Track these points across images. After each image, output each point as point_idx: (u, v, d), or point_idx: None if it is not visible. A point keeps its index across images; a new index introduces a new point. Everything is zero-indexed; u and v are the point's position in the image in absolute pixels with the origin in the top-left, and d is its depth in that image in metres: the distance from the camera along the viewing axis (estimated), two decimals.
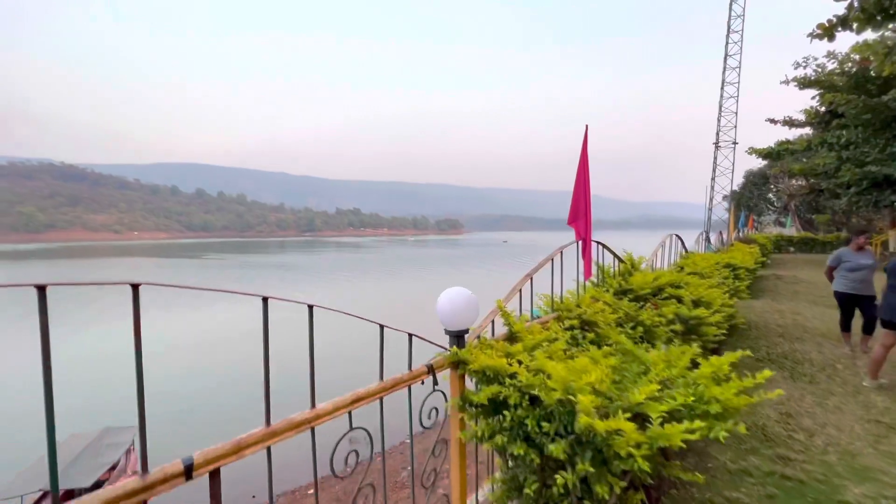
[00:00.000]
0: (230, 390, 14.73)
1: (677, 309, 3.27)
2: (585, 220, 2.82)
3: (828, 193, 21.65)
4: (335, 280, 46.03)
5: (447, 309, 1.98)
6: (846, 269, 5.41)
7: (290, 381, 3.69)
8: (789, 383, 4.40)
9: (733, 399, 1.60)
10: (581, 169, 2.81)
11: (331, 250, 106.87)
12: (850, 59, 16.88)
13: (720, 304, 3.88)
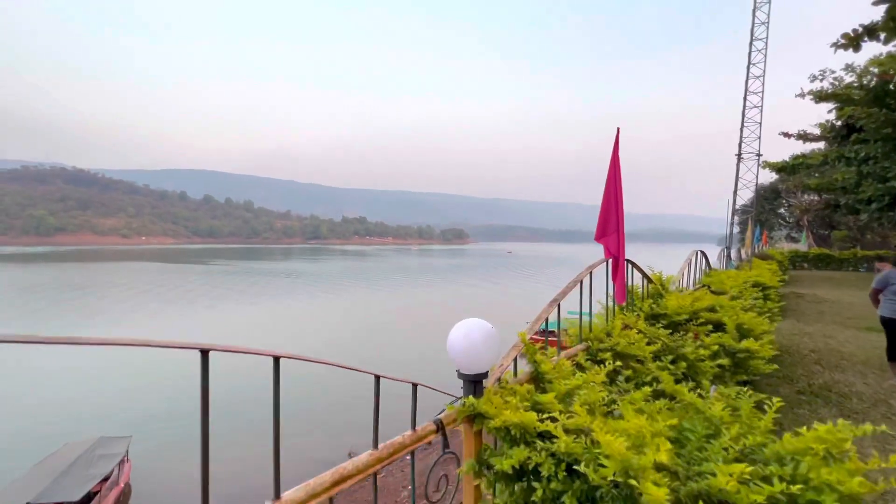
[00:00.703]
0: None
1: (721, 339, 2.82)
2: (617, 236, 2.40)
3: (845, 209, 21.01)
4: (336, 289, 45.70)
5: (461, 347, 1.57)
6: (894, 292, 4.95)
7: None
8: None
9: (854, 486, 1.17)
10: (611, 178, 2.41)
11: (336, 258, 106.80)
12: (869, 71, 16.43)
13: (761, 330, 3.43)
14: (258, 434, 11.76)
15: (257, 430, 11.96)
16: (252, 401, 14.08)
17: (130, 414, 13.47)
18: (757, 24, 21.86)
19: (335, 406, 14.17)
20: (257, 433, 11.80)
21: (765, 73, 21.88)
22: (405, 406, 1.63)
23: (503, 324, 9.51)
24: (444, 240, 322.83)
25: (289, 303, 35.18)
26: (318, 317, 30.06)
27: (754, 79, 22.26)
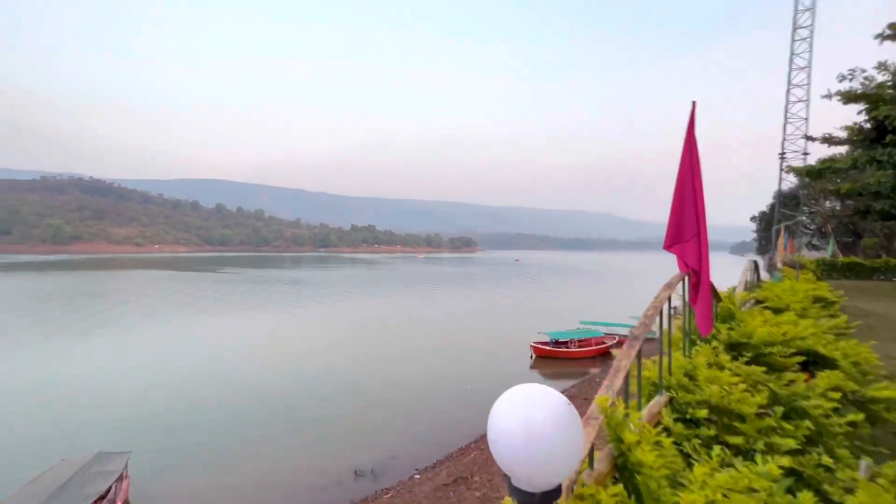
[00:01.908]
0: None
1: (835, 380, 2.02)
2: (698, 243, 1.65)
3: (878, 215, 19.90)
4: (343, 297, 45.21)
5: (515, 446, 0.87)
6: None
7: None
8: None
9: None
10: (686, 166, 1.68)
11: (345, 266, 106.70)
12: None
13: (870, 363, 2.65)
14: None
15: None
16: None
17: (134, 426, 12.96)
18: (800, 10, 20.84)
19: (339, 418, 13.50)
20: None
21: (811, 64, 20.74)
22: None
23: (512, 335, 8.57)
24: (452, 248, 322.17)
25: (293, 311, 34.75)
26: (318, 326, 29.50)
27: (798, 70, 21.19)
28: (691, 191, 1.67)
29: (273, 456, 11.28)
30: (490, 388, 16.52)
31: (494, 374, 18.35)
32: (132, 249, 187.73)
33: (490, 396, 4.61)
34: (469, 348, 22.69)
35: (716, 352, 2.03)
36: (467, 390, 16.10)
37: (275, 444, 11.87)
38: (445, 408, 14.49)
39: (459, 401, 15.03)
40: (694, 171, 1.68)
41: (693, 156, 1.70)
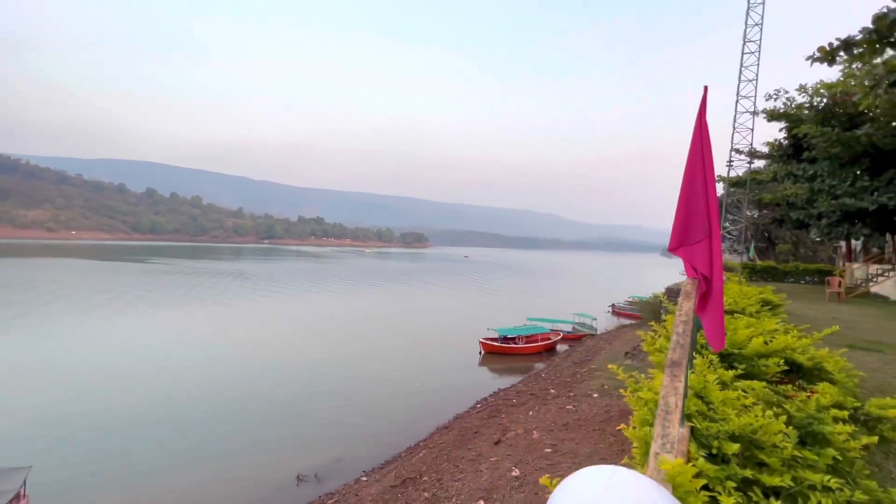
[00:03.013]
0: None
1: (840, 397, 1.92)
2: (710, 244, 1.42)
3: (794, 224, 22.06)
4: (286, 291, 43.15)
5: None
6: None
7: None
8: None
9: None
10: (696, 159, 1.45)
11: (290, 259, 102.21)
12: (819, 92, 17.22)
13: (837, 368, 2.61)
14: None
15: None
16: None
17: (35, 437, 11.31)
18: (750, 25, 22.56)
19: (279, 420, 12.68)
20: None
21: (758, 77, 22.60)
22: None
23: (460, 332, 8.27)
24: (403, 243, 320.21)
25: (231, 306, 32.54)
26: (256, 322, 27.86)
27: (746, 82, 22.92)
28: (702, 185, 1.46)
29: (204, 465, 10.33)
30: (439, 384, 16.41)
31: (443, 370, 18.22)
32: (43, 235, 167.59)
33: (439, 393, 4.28)
34: (417, 345, 22.39)
35: (712, 366, 1.88)
36: (416, 388, 15.81)
37: (206, 452, 10.89)
38: (394, 406, 14.09)
39: (408, 399, 14.70)
40: (706, 164, 1.47)
41: (705, 146, 1.49)
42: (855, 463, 1.49)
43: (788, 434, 1.42)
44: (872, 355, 7.15)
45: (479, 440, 9.71)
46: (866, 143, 14.42)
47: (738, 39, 23.06)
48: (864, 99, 11.73)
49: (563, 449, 7.31)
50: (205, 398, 14.20)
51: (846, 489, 1.24)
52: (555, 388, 12.87)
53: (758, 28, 22.68)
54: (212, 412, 13.17)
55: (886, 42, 8.52)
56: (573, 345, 22.15)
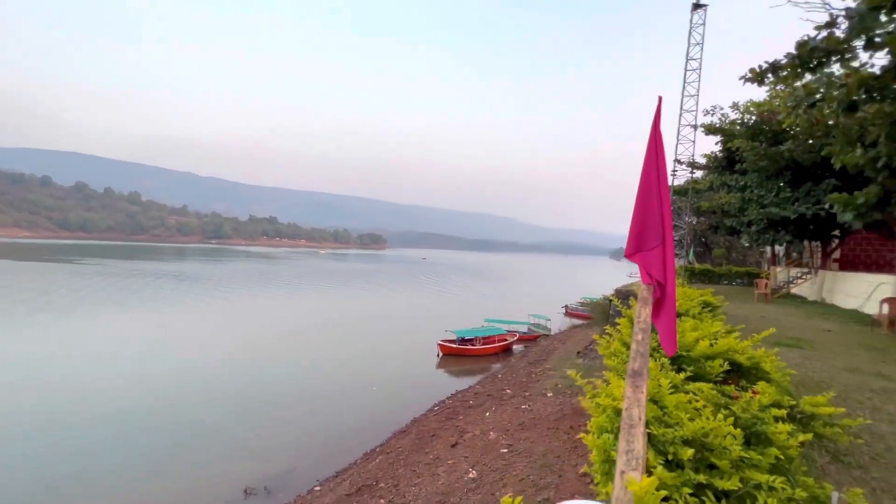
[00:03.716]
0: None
1: (777, 396, 2.05)
2: (663, 251, 1.46)
3: (727, 230, 23.90)
4: (233, 294, 41.06)
5: None
6: None
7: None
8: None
9: None
10: (651, 166, 1.50)
11: (239, 260, 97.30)
12: (749, 110, 18.79)
13: (772, 368, 2.82)
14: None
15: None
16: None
17: None
18: (692, 44, 24.19)
19: (226, 431, 11.98)
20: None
21: (699, 94, 24.26)
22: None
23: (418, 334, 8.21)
24: (361, 244, 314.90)
25: (171, 305, 30.45)
26: (199, 327, 26.30)
27: (689, 97, 24.52)
28: (656, 193, 1.51)
29: (140, 483, 9.53)
30: (396, 388, 16.20)
31: (401, 374, 18.02)
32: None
33: (396, 397, 4.20)
34: (374, 349, 22.01)
35: (664, 369, 1.95)
36: (372, 392, 15.52)
37: (142, 469, 10.07)
38: (349, 412, 13.73)
39: (364, 404, 14.39)
40: (660, 172, 1.52)
41: (659, 155, 1.54)
42: (794, 460, 1.59)
43: (736, 435, 1.50)
44: (794, 351, 7.85)
45: (437, 443, 9.67)
46: (788, 158, 15.90)
47: (683, 55, 24.91)
48: (787, 118, 12.91)
49: (518, 448, 7.43)
50: (139, 410, 13.14)
51: (787, 487, 1.32)
52: (511, 389, 13.09)
53: (699, 47, 24.46)
54: (148, 425, 12.22)
55: (806, 67, 9.43)
56: (529, 345, 22.69)
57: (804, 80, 10.30)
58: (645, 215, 1.53)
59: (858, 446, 3.73)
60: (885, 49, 8.22)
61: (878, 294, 12.69)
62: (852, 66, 9.43)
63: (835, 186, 14.80)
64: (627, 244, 1.58)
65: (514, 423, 9.16)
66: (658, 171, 1.53)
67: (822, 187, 15.42)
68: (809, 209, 15.46)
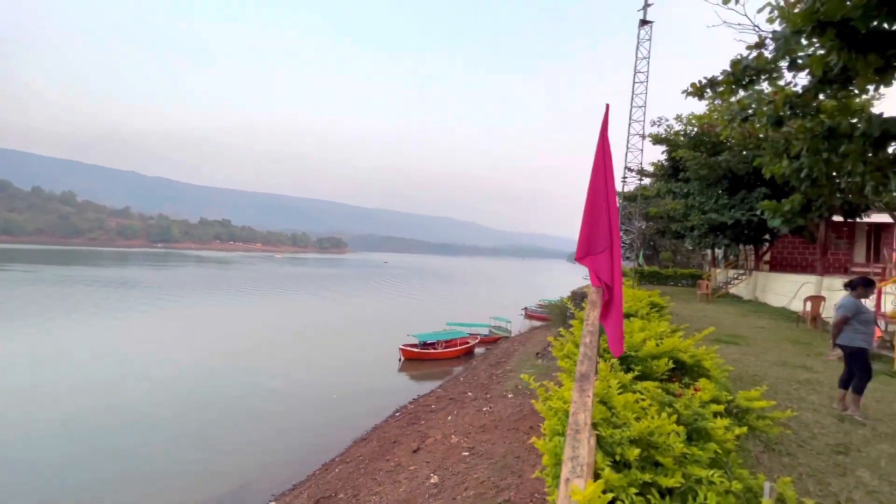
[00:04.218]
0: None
1: (716, 392, 2.16)
2: (611, 255, 1.53)
3: (672, 234, 25.39)
4: (183, 300, 38.76)
5: None
6: (863, 321, 4.72)
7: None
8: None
9: None
10: (599, 172, 1.57)
11: (188, 265, 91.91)
12: (691, 122, 20.12)
13: (713, 365, 3.02)
14: None
15: None
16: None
17: None
18: (640, 58, 25.58)
19: (173, 447, 11.21)
20: None
21: (646, 105, 25.66)
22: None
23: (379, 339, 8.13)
24: (320, 248, 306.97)
25: (116, 317, 28.23)
26: (144, 335, 24.63)
27: (637, 108, 25.88)
28: (604, 199, 1.57)
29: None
30: (356, 395, 15.85)
31: (361, 380, 17.67)
32: None
33: (357, 404, 4.10)
34: (333, 355, 21.47)
35: (613, 369, 2.03)
36: (332, 400, 15.11)
37: (82, 497, 9.24)
38: (307, 423, 13.28)
39: (323, 412, 13.97)
40: (607, 178, 1.59)
41: (606, 162, 1.61)
42: (731, 454, 1.71)
43: (679, 432, 1.58)
44: (732, 347, 8.44)
45: (398, 449, 9.55)
46: (725, 168, 17.16)
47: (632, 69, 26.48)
48: (724, 130, 13.93)
49: (479, 451, 7.48)
50: (73, 430, 12.05)
51: (725, 480, 1.40)
52: (472, 391, 13.19)
53: (646, 61, 25.99)
54: (87, 447, 11.22)
55: (740, 84, 10.23)
56: (490, 347, 22.96)
57: (738, 95, 11.18)
58: (594, 220, 1.60)
59: (787, 435, 4.06)
60: (806, 70, 9.08)
61: (802, 293, 13.92)
62: (779, 85, 10.35)
63: (765, 195, 16.13)
64: (577, 248, 1.64)
65: (475, 425, 9.22)
66: (606, 178, 1.60)
67: (754, 195, 16.76)
68: (744, 215, 16.75)
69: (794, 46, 8.00)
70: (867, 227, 18.48)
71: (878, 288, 10.23)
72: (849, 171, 9.84)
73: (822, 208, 11.46)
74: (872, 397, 5.62)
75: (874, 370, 7.03)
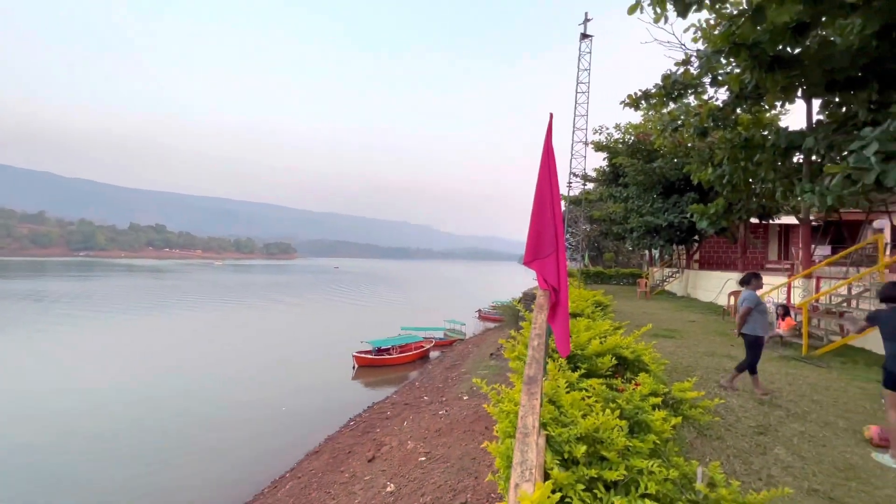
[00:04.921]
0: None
1: (654, 385, 2.32)
2: (556, 259, 1.61)
3: (614, 236, 26.90)
4: (109, 314, 35.50)
5: None
6: (761, 311, 5.28)
7: None
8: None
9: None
10: (544, 179, 1.64)
11: (116, 275, 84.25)
12: (629, 131, 21.50)
13: (650, 358, 3.24)
14: None
15: None
16: None
17: None
18: (581, 69, 26.91)
19: (102, 473, 10.18)
20: None
21: (588, 114, 26.96)
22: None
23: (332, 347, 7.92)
24: (267, 254, 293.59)
25: (44, 334, 25.21)
26: (70, 351, 22.31)
27: (580, 116, 27.18)
28: (550, 204, 1.64)
29: None
30: (308, 406, 15.26)
31: (313, 390, 17.05)
32: None
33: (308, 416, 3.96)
34: (281, 367, 20.54)
35: (562, 369, 2.11)
36: (281, 413, 14.44)
37: None
38: (254, 438, 12.59)
39: (272, 427, 13.30)
40: (552, 185, 1.66)
41: (551, 169, 1.68)
42: (668, 443, 1.84)
43: (622, 427, 1.68)
44: (668, 341, 9.06)
45: (353, 460, 9.31)
46: (660, 174, 18.48)
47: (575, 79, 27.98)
48: (657, 139, 15.09)
49: (436, 455, 7.47)
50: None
51: (664, 469, 1.50)
52: (428, 395, 13.16)
53: (587, 73, 27.48)
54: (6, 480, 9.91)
55: (670, 97, 11.11)
56: (445, 350, 23.05)
57: (669, 107, 12.15)
58: (540, 226, 1.66)
59: (717, 421, 4.44)
60: (726, 86, 10.04)
61: (727, 288, 15.26)
62: (703, 99, 11.36)
63: (694, 199, 17.55)
64: (525, 252, 1.70)
65: (431, 429, 9.20)
66: (551, 184, 1.67)
67: (685, 199, 18.19)
68: (676, 218, 18.12)
69: (714, 64, 8.84)
70: (779, 228, 20.65)
71: (788, 282, 11.42)
72: (762, 177, 11.00)
73: (742, 211, 12.64)
74: (785, 381, 6.26)
75: (786, 356, 7.85)
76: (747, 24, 6.99)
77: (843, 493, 3.17)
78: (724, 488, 1.44)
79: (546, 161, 1.67)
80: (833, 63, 7.68)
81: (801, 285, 10.36)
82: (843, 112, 8.84)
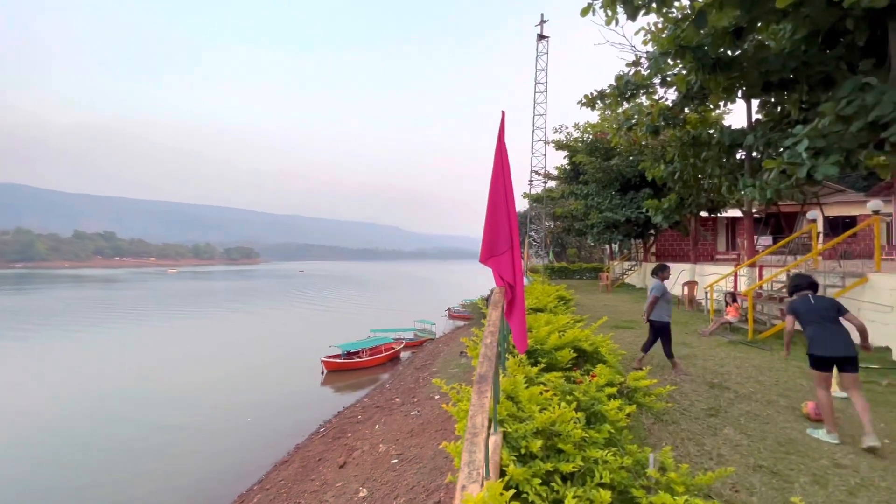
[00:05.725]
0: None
1: (611, 375, 2.41)
2: (512, 256, 1.64)
3: (576, 232, 27.76)
4: (54, 328, 33.03)
5: None
6: (667, 300, 5.84)
7: None
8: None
9: None
10: (498, 177, 1.67)
11: (60, 287, 78.41)
12: (587, 130, 22.22)
13: (606, 350, 3.37)
14: None
15: None
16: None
17: None
18: (539, 69, 27.43)
19: (64, 485, 9.47)
20: None
21: (546, 113, 27.52)
22: None
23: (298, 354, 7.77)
24: (229, 259, 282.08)
25: None
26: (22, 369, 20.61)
27: (539, 116, 27.71)
28: (504, 203, 1.67)
29: None
30: (274, 416, 14.79)
31: (280, 399, 16.56)
32: None
33: (276, 425, 3.87)
34: (246, 377, 19.81)
35: (522, 364, 2.16)
36: (246, 424, 13.94)
37: None
38: (218, 450, 12.08)
39: (237, 440, 12.80)
40: (506, 183, 1.69)
41: (504, 167, 1.71)
42: (623, 431, 1.92)
43: (578, 418, 1.74)
44: (627, 331, 9.45)
45: (324, 467, 9.13)
46: (617, 171, 19.22)
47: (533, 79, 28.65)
48: (614, 138, 15.69)
49: (409, 456, 7.44)
50: None
51: (618, 457, 1.57)
52: (399, 397, 13.09)
53: (545, 73, 28.16)
54: None
55: (623, 97, 11.57)
56: (415, 351, 22.97)
57: (623, 107, 12.66)
58: (495, 224, 1.69)
59: (672, 406, 4.68)
60: (674, 87, 10.58)
61: (681, 279, 16.09)
62: (654, 99, 11.91)
63: (649, 195, 18.38)
64: (482, 251, 1.73)
65: (403, 431, 9.16)
66: (505, 182, 1.71)
67: (640, 195, 19.00)
68: (633, 213, 18.91)
69: (663, 66, 9.29)
70: (726, 221, 21.97)
71: (734, 271, 12.18)
72: (710, 173, 11.67)
73: (692, 205, 13.35)
74: (733, 364, 6.68)
75: (734, 341, 8.38)
76: (691, 27, 7.40)
77: (784, 466, 3.43)
78: (673, 472, 1.52)
79: (499, 159, 1.70)
80: (768, 65, 8.26)
81: (746, 273, 11.06)
82: (779, 111, 9.52)
